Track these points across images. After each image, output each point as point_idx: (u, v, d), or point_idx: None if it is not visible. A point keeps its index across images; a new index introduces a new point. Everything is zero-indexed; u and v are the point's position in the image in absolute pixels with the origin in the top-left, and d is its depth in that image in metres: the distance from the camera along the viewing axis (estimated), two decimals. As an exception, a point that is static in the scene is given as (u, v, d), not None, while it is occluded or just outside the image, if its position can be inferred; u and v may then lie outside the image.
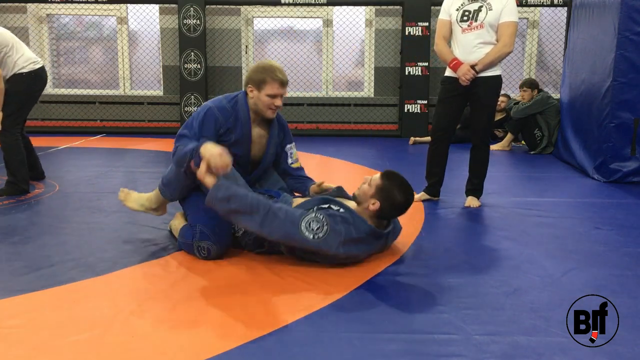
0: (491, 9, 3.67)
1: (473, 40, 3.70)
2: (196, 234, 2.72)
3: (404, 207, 2.73)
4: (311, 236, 2.50)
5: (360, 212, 2.69)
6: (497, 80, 3.78)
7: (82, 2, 7.63)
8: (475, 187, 3.95)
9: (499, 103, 6.59)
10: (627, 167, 4.76)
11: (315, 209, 2.62)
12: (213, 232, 2.70)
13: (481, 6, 3.69)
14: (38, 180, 4.53)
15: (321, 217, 2.54)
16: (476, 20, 3.69)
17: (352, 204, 2.75)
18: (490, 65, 3.70)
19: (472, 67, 3.68)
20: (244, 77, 5.84)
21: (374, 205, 2.66)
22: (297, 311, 2.16)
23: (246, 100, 2.94)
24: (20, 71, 4.07)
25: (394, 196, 2.67)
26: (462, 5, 3.74)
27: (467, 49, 3.72)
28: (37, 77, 4.16)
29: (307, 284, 2.45)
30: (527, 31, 8.17)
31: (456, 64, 3.73)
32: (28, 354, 1.83)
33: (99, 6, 8.09)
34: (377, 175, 2.75)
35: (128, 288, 2.38)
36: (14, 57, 4.05)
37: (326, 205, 2.66)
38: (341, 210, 2.63)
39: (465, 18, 3.71)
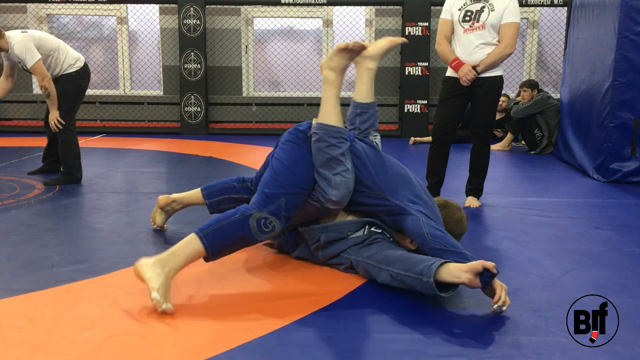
0: (493, 10, 3.66)
1: (475, 41, 3.70)
2: (270, 205, 2.39)
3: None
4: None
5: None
6: (499, 80, 3.78)
7: (82, 2, 7.62)
8: (475, 187, 3.94)
9: (499, 103, 6.59)
10: (627, 167, 4.76)
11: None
12: (287, 216, 2.44)
13: (483, 7, 3.68)
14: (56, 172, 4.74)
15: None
16: (478, 21, 3.68)
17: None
18: (492, 66, 3.70)
19: (474, 67, 3.68)
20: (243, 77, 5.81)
21: (412, 244, 2.58)
22: (297, 311, 2.15)
23: None
24: (68, 71, 4.44)
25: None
26: (464, 5, 3.73)
27: (468, 49, 3.72)
28: (84, 74, 4.55)
29: (307, 284, 2.45)
30: (527, 31, 8.16)
31: (457, 64, 3.72)
32: (28, 354, 1.83)
33: (99, 6, 8.09)
34: None
35: (128, 288, 2.37)
36: (61, 57, 4.40)
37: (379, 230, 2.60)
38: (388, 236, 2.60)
39: (467, 18, 3.71)
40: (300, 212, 2.52)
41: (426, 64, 7.65)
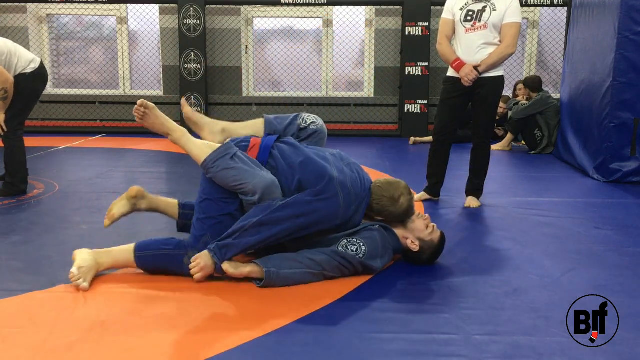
0: (495, 10, 3.65)
1: (476, 41, 3.69)
2: (198, 244, 2.48)
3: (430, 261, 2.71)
4: (356, 255, 2.47)
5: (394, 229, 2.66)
6: (500, 80, 3.78)
7: (82, 2, 7.62)
8: (475, 187, 3.94)
9: (498, 109, 6.60)
10: (627, 167, 4.76)
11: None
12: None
13: (485, 6, 3.67)
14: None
15: (355, 240, 2.51)
16: (480, 21, 3.67)
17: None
18: (493, 66, 3.69)
19: (475, 68, 3.67)
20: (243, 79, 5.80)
21: (414, 245, 2.62)
22: (297, 311, 2.16)
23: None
24: (23, 72, 4.03)
25: (434, 254, 2.67)
26: (465, 4, 3.72)
27: (470, 49, 3.71)
28: (40, 75, 4.14)
29: (306, 284, 2.44)
30: (527, 31, 8.16)
31: (459, 65, 3.72)
32: (28, 354, 1.83)
33: (99, 6, 8.09)
34: (437, 232, 2.68)
35: (128, 288, 2.38)
36: (13, 61, 3.99)
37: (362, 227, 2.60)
38: (376, 225, 2.61)
39: (469, 18, 3.70)
40: None
41: (426, 64, 7.65)
